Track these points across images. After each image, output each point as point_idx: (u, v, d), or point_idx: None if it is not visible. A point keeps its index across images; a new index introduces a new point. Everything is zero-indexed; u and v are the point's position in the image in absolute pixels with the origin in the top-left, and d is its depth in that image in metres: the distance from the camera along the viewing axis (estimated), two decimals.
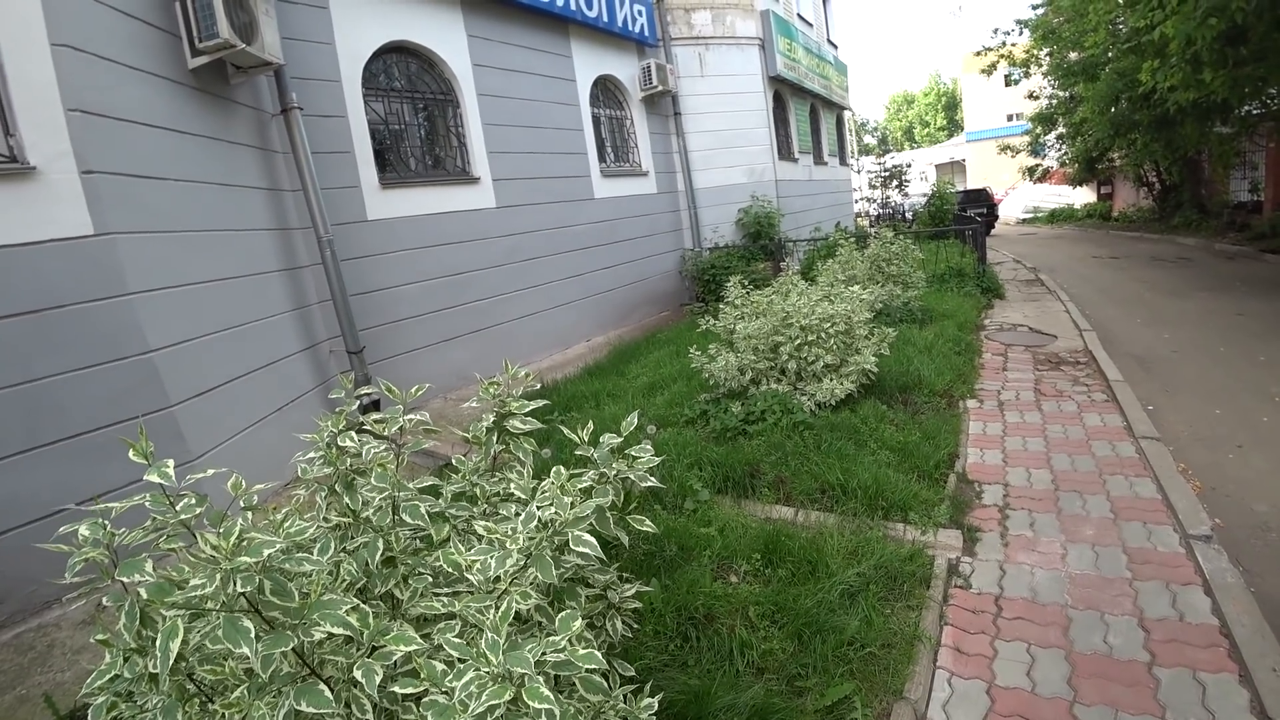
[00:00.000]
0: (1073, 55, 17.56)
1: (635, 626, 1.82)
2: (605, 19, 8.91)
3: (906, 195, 23.55)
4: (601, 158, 9.07)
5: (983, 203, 22.35)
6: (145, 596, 1.09)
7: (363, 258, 5.83)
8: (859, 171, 22.70)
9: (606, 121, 9.44)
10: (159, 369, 3.69)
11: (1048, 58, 19.48)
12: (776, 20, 11.71)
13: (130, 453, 1.18)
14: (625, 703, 1.42)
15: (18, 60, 3.27)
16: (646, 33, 9.80)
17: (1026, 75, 21.32)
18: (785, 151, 12.71)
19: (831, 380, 4.78)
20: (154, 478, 1.17)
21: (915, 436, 4.45)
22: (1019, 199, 30.45)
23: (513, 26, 7.61)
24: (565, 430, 1.79)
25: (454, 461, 1.76)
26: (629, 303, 9.48)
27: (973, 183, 33.12)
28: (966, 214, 17.24)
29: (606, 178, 9.09)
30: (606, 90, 9.48)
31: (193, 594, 1.06)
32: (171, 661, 1.01)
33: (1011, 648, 2.69)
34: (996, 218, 23.90)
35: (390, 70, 6.49)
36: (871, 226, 19.23)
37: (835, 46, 17.00)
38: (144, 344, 3.64)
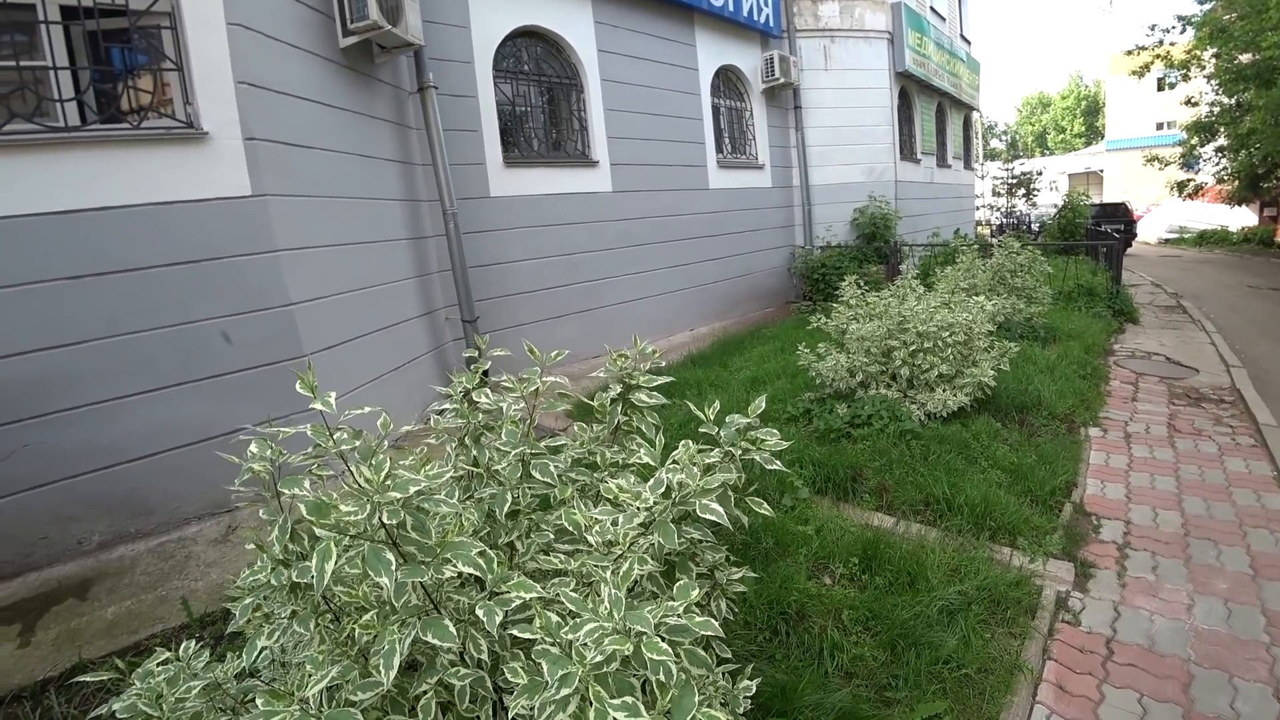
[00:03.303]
0: (1244, 57, 15.74)
1: (736, 610, 1.83)
2: (730, 8, 8.82)
3: (1034, 205, 22.03)
4: (719, 148, 9.03)
5: (1120, 218, 20.54)
6: (304, 512, 1.20)
7: (483, 232, 6.09)
8: (983, 177, 21.45)
9: (726, 112, 9.37)
10: (296, 321, 4.01)
11: (1213, 59, 17.53)
12: (908, 13, 11.21)
13: (297, 385, 1.30)
14: (724, 681, 1.43)
15: (199, 37, 3.63)
16: (771, 23, 9.63)
17: (1185, 79, 19.27)
18: (907, 151, 12.18)
19: (944, 391, 4.57)
20: (318, 406, 1.28)
21: (1030, 459, 4.19)
22: (1162, 217, 27.70)
23: (639, 14, 7.67)
24: (691, 406, 1.82)
25: (575, 428, 1.83)
26: (734, 296, 9.41)
27: (1110, 196, 30.54)
28: (1101, 229, 15.91)
29: (722, 168, 9.04)
30: (727, 80, 9.40)
31: (346, 518, 1.15)
32: (326, 580, 1.11)
33: (1121, 695, 2.49)
34: (1134, 236, 21.90)
35: (519, 53, 6.71)
36: (993, 236, 18.12)
37: (968, 43, 16.07)
38: (285, 297, 3.97)
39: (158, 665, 1.71)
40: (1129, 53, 20.55)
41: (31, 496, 3.37)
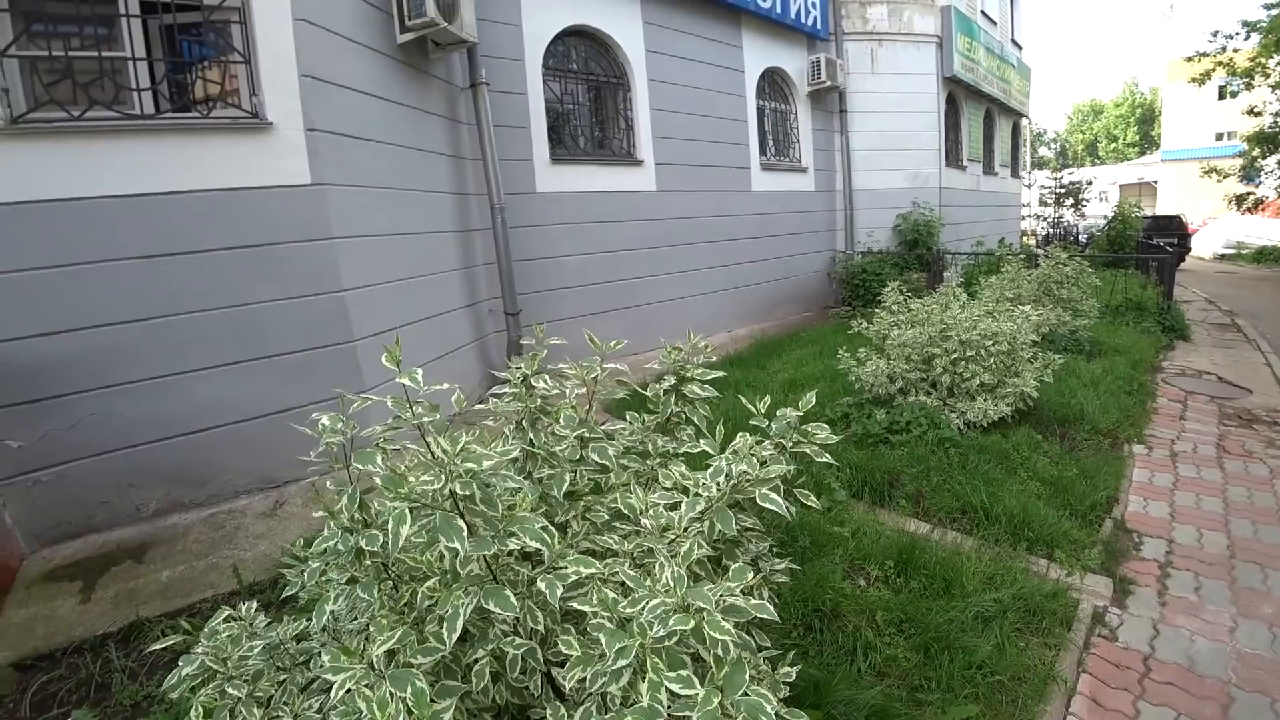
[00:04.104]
0: None
1: (776, 603, 1.86)
2: (778, 10, 8.80)
3: (1083, 216, 21.48)
4: (763, 150, 9.03)
5: (1173, 231, 19.89)
6: (379, 483, 1.27)
7: (528, 227, 6.19)
8: (1030, 186, 20.96)
9: (771, 114, 9.35)
10: (348, 306, 4.14)
11: (1279, 67, 16.87)
12: (958, 17, 11.02)
13: (383, 358, 1.38)
14: (765, 666, 1.47)
15: (267, 32, 3.77)
16: (819, 26, 9.58)
17: (1248, 87, 18.50)
18: (954, 158, 12.00)
19: (985, 400, 4.53)
20: (405, 380, 1.36)
21: (1071, 473, 4.13)
22: (1218, 231, 26.67)
23: (687, 15, 7.71)
24: (743, 400, 1.86)
25: (628, 416, 1.89)
26: (774, 298, 9.40)
27: (1164, 208, 29.55)
28: (1152, 242, 15.44)
29: (765, 171, 9.04)
30: (773, 82, 9.38)
31: (425, 488, 1.22)
32: (401, 541, 1.18)
33: (1158, 712, 2.45)
34: (1188, 250, 21.17)
35: (568, 52, 6.80)
36: (1039, 247, 17.70)
37: (1019, 48, 15.71)
38: (338, 283, 4.10)
39: (222, 623, 1.81)
40: (1189, 59, 19.82)
41: (96, 462, 3.55)
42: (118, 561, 3.44)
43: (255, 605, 1.89)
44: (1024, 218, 19.39)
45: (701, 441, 1.65)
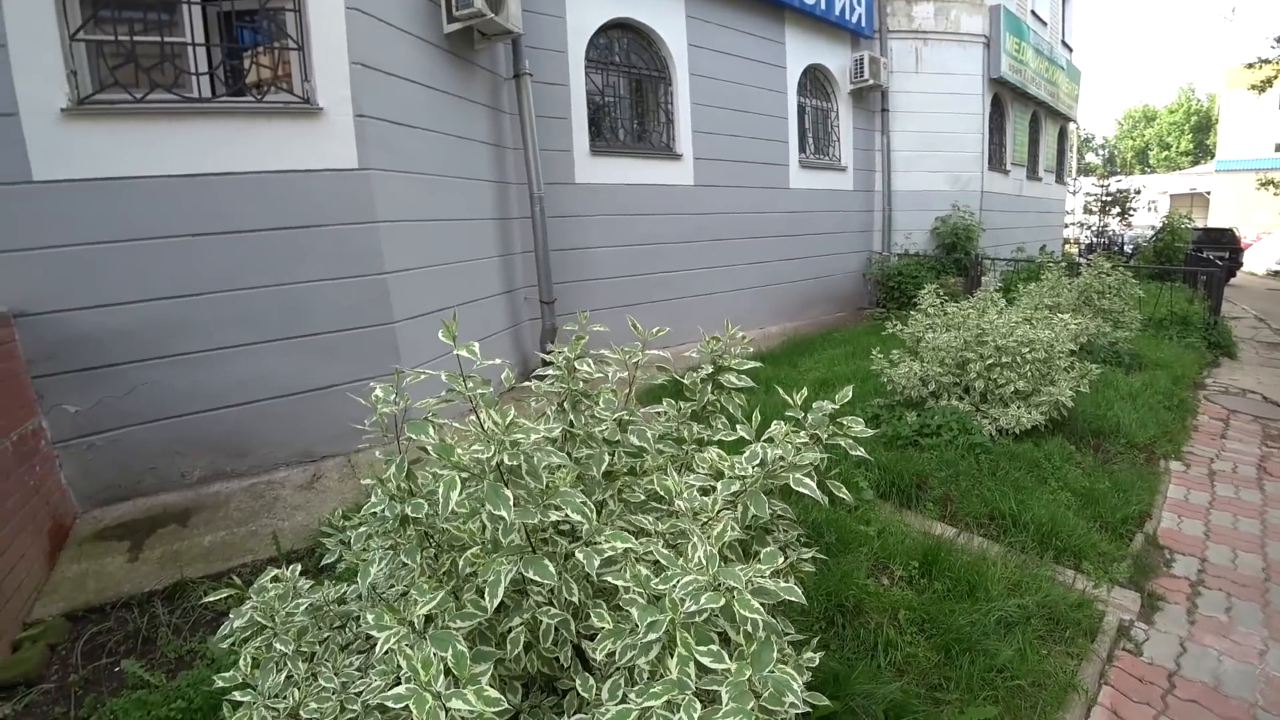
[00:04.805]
0: None
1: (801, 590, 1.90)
2: (822, 6, 8.73)
3: (1129, 225, 20.88)
4: (802, 148, 8.98)
5: (1225, 245, 19.21)
6: (431, 452, 1.34)
7: (566, 217, 6.27)
8: (1075, 192, 20.44)
9: (811, 112, 9.29)
10: (389, 289, 4.26)
11: None
12: (1007, 17, 10.79)
13: (440, 333, 1.44)
14: (790, 650, 1.51)
15: (320, 20, 3.89)
16: (863, 23, 9.47)
17: None
18: (996, 161, 11.77)
19: (1019, 408, 4.48)
20: (462, 353, 1.43)
21: (1103, 485, 4.07)
22: (1273, 246, 25.70)
23: (730, 10, 7.70)
24: (780, 391, 1.90)
25: (664, 404, 1.95)
26: (807, 297, 9.37)
27: (1216, 220, 28.56)
28: (1202, 255, 14.96)
29: (804, 169, 8.99)
30: (815, 80, 9.32)
31: (475, 457, 1.29)
32: (450, 507, 1.25)
33: None
34: (1240, 265, 20.44)
35: (610, 45, 6.84)
36: (1081, 255, 17.28)
37: (1070, 49, 15.30)
38: (380, 266, 4.21)
39: (270, 582, 1.90)
40: (1250, 65, 19.07)
41: (146, 429, 3.72)
42: (163, 524, 3.60)
43: (298, 569, 1.98)
44: (1067, 225, 18.94)
45: (738, 428, 1.69)
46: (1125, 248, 19.82)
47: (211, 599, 1.89)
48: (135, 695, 2.42)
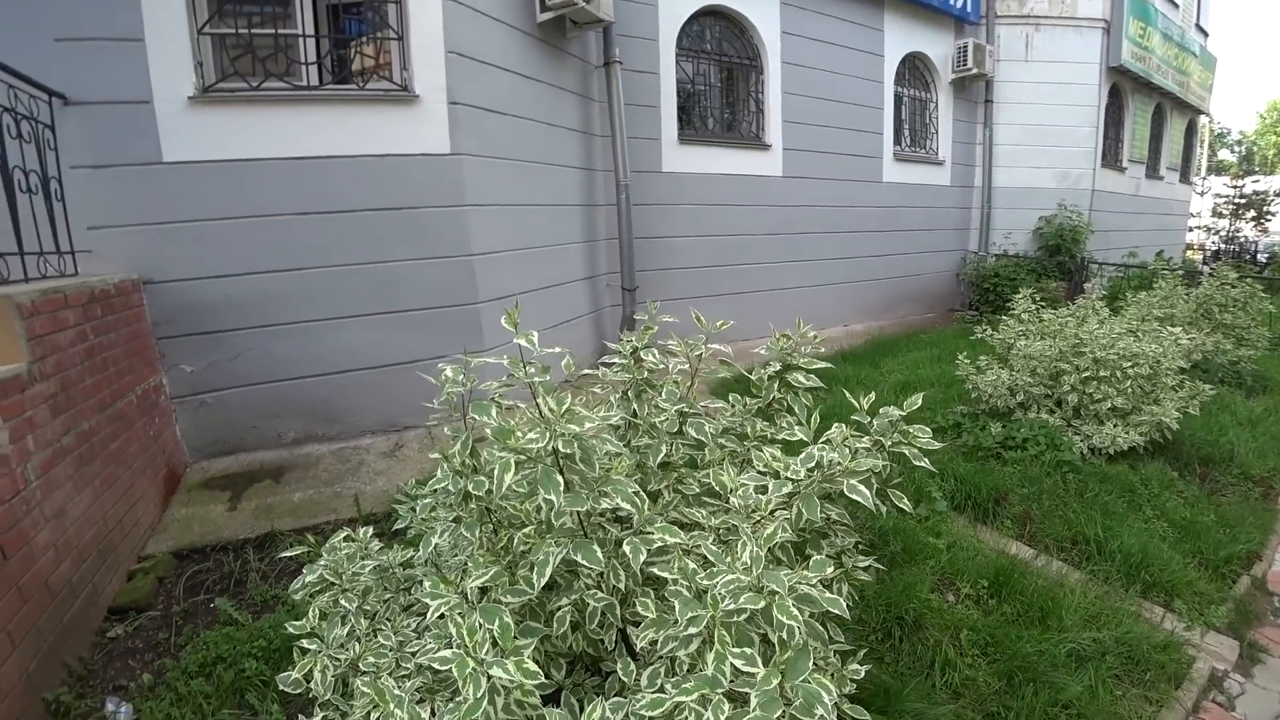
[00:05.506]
0: None
1: (856, 601, 1.87)
2: None
3: (1264, 231, 18.93)
4: (897, 140, 8.65)
5: None
6: (490, 434, 1.40)
7: (651, 205, 6.29)
8: (1203, 193, 18.69)
9: (908, 102, 8.91)
10: (475, 270, 4.41)
11: None
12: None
13: (502, 320, 1.51)
14: (835, 659, 1.49)
15: (419, 11, 4.05)
16: (968, 8, 8.97)
17: None
18: (1111, 158, 10.89)
19: (1115, 426, 4.18)
20: (521, 341, 1.49)
21: (1207, 518, 3.74)
22: None
23: None
24: (846, 394, 1.86)
25: (729, 399, 1.95)
26: (895, 296, 9.05)
27: None
28: None
29: (898, 162, 8.66)
30: (914, 69, 8.92)
31: (529, 444, 1.34)
32: (504, 488, 1.31)
33: None
34: None
35: (702, 32, 6.78)
36: (1205, 263, 15.82)
37: (1205, 34, 13.80)
38: (469, 248, 4.37)
39: (342, 541, 2.04)
40: None
41: (250, 391, 4.03)
42: (260, 479, 3.90)
43: (371, 531, 2.11)
44: (1191, 229, 17.38)
45: (797, 429, 1.68)
46: (1259, 256, 17.96)
47: (291, 553, 2.05)
48: (225, 630, 2.67)
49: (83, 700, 2.39)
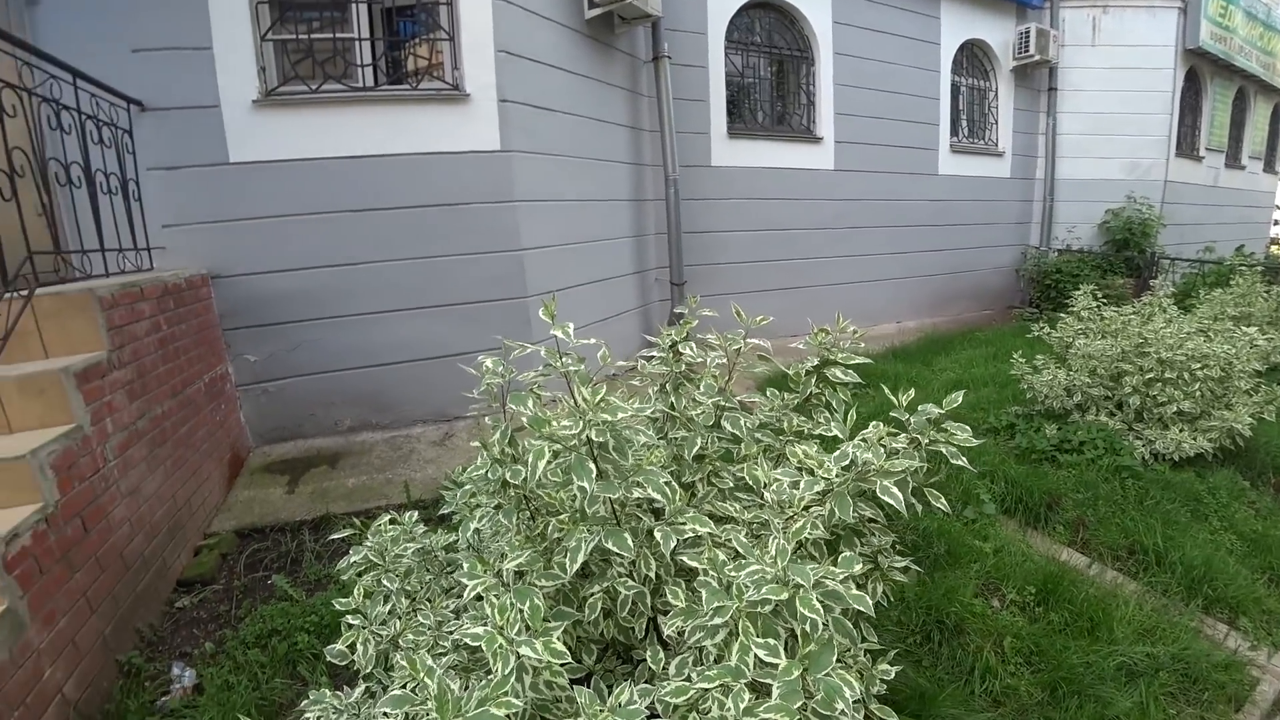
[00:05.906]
0: None
1: (891, 599, 1.85)
2: None
3: None
4: (954, 131, 8.37)
5: None
6: (526, 423, 1.45)
7: (700, 199, 6.29)
8: None
9: (966, 92, 8.61)
10: (525, 265, 4.50)
11: None
12: None
13: (540, 312, 1.55)
14: (864, 659, 1.49)
15: (469, 11, 4.15)
16: None
17: None
18: (1186, 146, 10.27)
19: (1181, 431, 3.97)
20: (558, 333, 1.53)
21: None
22: None
23: None
24: (885, 390, 1.85)
25: (767, 393, 1.96)
26: (951, 292, 8.80)
27: None
28: None
29: (955, 153, 8.38)
30: (972, 56, 8.62)
31: (563, 432, 1.38)
32: (538, 476, 1.35)
33: None
34: None
35: (751, 24, 6.72)
36: None
37: None
38: (518, 243, 4.46)
39: (387, 524, 2.13)
40: None
41: (308, 380, 4.22)
42: (316, 465, 4.08)
43: (416, 516, 2.19)
44: (1276, 222, 16.30)
45: (832, 425, 1.67)
46: None
47: (342, 534, 2.15)
48: (280, 606, 2.84)
49: (152, 663, 2.57)
